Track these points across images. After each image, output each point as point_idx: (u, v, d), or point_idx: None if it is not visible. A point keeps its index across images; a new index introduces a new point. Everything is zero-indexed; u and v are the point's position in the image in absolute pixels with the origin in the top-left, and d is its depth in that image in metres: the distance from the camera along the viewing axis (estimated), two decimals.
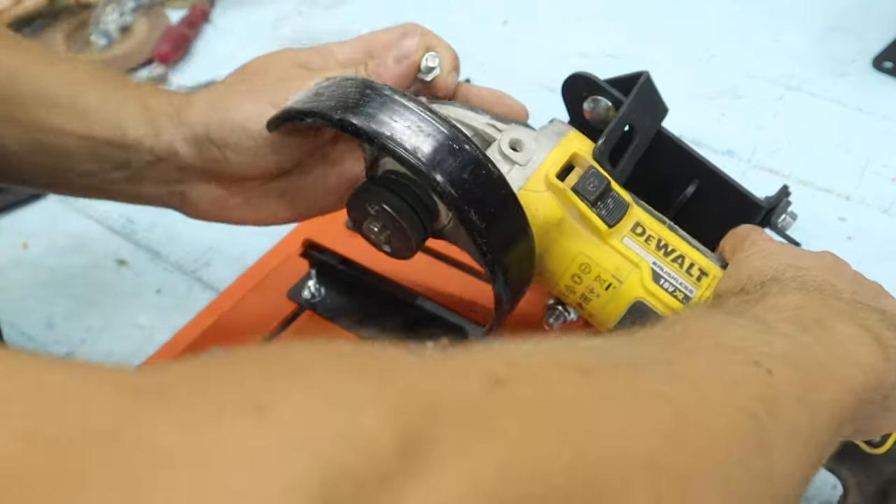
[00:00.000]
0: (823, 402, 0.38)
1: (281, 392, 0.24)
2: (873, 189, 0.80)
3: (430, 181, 0.46)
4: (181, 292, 0.78)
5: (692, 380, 0.35)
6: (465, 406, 0.27)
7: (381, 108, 0.47)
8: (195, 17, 1.06)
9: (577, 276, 0.52)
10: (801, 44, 0.96)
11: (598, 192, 0.51)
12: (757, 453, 0.34)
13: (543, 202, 0.51)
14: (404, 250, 0.52)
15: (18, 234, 0.85)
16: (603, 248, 0.52)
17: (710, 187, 0.57)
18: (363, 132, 0.47)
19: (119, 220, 0.85)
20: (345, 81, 0.50)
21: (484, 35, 1.01)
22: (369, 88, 0.48)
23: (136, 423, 0.23)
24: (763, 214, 0.57)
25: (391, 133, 0.46)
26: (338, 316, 0.67)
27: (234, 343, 0.66)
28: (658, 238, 0.52)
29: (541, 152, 0.52)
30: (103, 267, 0.81)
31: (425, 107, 0.48)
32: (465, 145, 0.47)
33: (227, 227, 0.83)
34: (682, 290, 0.51)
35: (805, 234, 0.72)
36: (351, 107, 0.47)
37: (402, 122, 0.47)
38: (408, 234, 0.50)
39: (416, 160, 0.46)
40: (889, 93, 0.89)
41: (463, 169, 0.47)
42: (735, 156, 0.85)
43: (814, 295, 0.44)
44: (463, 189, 0.46)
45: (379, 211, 0.50)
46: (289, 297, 0.68)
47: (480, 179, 0.47)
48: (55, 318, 0.77)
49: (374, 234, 0.52)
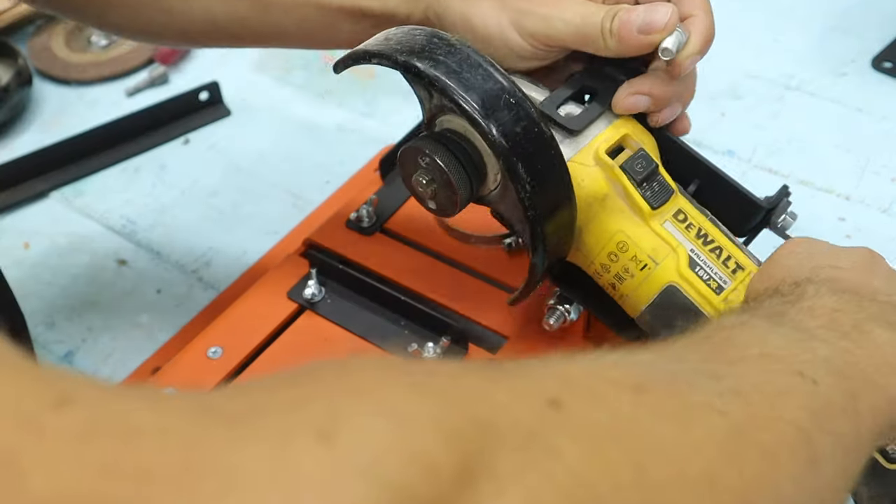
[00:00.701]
0: (866, 410, 0.38)
1: (345, 416, 0.25)
2: (873, 189, 0.81)
3: (483, 129, 0.48)
4: (181, 292, 0.78)
5: (743, 393, 0.35)
6: (523, 428, 0.27)
7: (445, 56, 0.49)
8: None
9: (614, 253, 0.53)
10: (801, 44, 0.96)
11: (645, 174, 0.52)
12: (806, 467, 0.34)
13: (590, 175, 0.52)
14: (449, 206, 0.53)
15: (19, 233, 0.85)
16: (643, 229, 0.53)
17: (710, 187, 0.57)
18: (425, 75, 0.48)
19: (119, 220, 0.85)
20: (414, 30, 0.52)
21: None
22: (436, 38, 0.50)
23: (208, 453, 0.23)
24: (763, 214, 0.57)
25: (452, 80, 0.48)
26: (338, 316, 0.67)
27: (235, 343, 0.66)
28: (699, 227, 0.53)
29: (594, 129, 0.53)
30: (103, 267, 0.81)
31: (488, 61, 0.49)
32: (522, 101, 0.49)
33: (227, 227, 0.84)
34: (716, 280, 0.52)
35: (805, 234, 0.72)
36: (417, 52, 0.49)
37: (464, 70, 0.48)
38: (455, 188, 0.52)
39: (471, 106, 0.48)
40: (889, 93, 0.90)
41: (516, 122, 0.48)
42: (735, 156, 0.85)
43: (850, 297, 0.43)
44: (514, 141, 0.48)
45: (430, 163, 0.52)
46: (289, 297, 0.68)
47: (532, 136, 0.49)
48: (56, 317, 0.77)
49: (422, 186, 0.53)
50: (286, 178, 0.88)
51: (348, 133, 0.92)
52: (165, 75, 1.01)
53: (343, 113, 0.94)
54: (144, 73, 1.01)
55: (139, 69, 1.02)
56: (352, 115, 0.94)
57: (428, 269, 0.70)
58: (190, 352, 0.65)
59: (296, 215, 0.83)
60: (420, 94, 0.53)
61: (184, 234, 0.83)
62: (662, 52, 0.51)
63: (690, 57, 0.52)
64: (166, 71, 1.01)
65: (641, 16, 0.51)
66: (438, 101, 0.51)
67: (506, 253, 0.70)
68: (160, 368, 0.66)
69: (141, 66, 1.02)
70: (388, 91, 0.95)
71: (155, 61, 1.02)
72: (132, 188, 0.88)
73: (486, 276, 0.69)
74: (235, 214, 0.85)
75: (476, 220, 0.56)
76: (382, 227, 0.73)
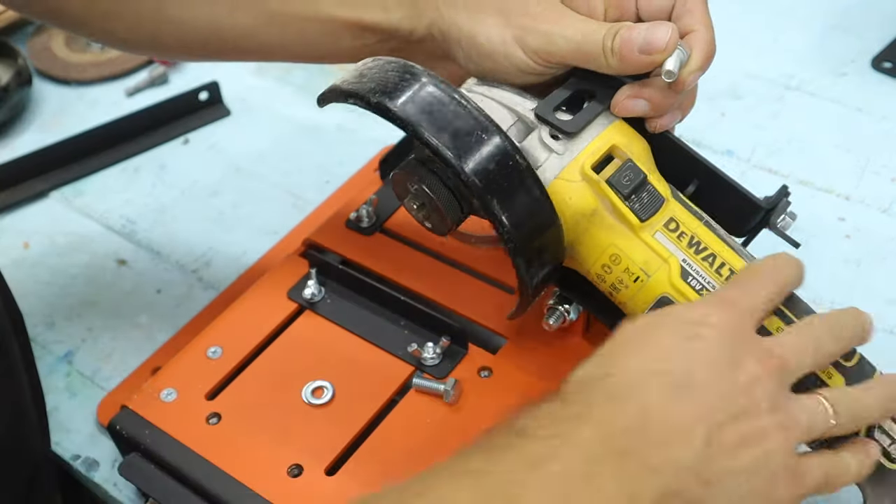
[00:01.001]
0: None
1: None
2: (873, 189, 0.81)
3: (456, 170, 0.48)
4: (181, 292, 0.78)
5: None
6: None
7: (417, 95, 0.49)
8: None
9: (608, 266, 0.53)
10: (801, 44, 0.96)
11: (632, 186, 0.52)
12: None
13: (577, 192, 0.52)
14: (441, 228, 0.54)
15: (19, 233, 0.85)
16: (633, 242, 0.52)
17: (710, 187, 0.57)
18: (397, 118, 0.49)
19: (119, 220, 0.85)
20: (388, 64, 0.52)
21: None
22: (409, 73, 0.50)
23: None
24: (762, 214, 0.57)
25: (422, 121, 0.48)
26: (338, 316, 0.67)
27: (234, 343, 0.66)
28: (691, 235, 0.53)
29: (580, 142, 0.53)
30: (103, 267, 0.81)
31: (462, 95, 0.50)
32: (495, 134, 0.49)
33: (227, 227, 0.84)
34: (708, 289, 0.52)
35: (804, 234, 0.72)
36: (388, 91, 0.49)
37: (434, 109, 0.49)
38: (443, 214, 0.52)
39: (444, 149, 0.48)
40: (888, 93, 0.90)
41: (490, 160, 0.48)
42: (734, 155, 0.85)
43: (608, 458, 0.40)
44: (488, 180, 0.48)
45: (418, 190, 0.52)
46: (289, 297, 0.68)
47: (506, 170, 0.49)
48: (55, 317, 0.77)
49: (414, 210, 0.54)
50: (286, 178, 0.88)
51: (348, 133, 0.92)
52: (165, 75, 1.01)
53: (343, 113, 0.94)
54: (144, 73, 1.01)
55: (139, 69, 1.02)
56: (352, 115, 0.94)
57: (428, 269, 0.70)
58: (190, 352, 0.65)
59: (295, 215, 0.83)
60: None
61: (184, 234, 0.83)
62: (666, 75, 0.51)
63: (692, 74, 0.52)
64: (166, 71, 1.01)
65: (643, 35, 0.50)
66: None
67: (505, 253, 0.70)
68: (160, 368, 0.66)
69: (141, 66, 1.02)
70: None
71: (155, 61, 1.02)
72: (132, 188, 0.88)
73: (486, 276, 0.69)
74: (235, 214, 0.85)
75: (476, 220, 0.56)
76: (382, 227, 0.73)
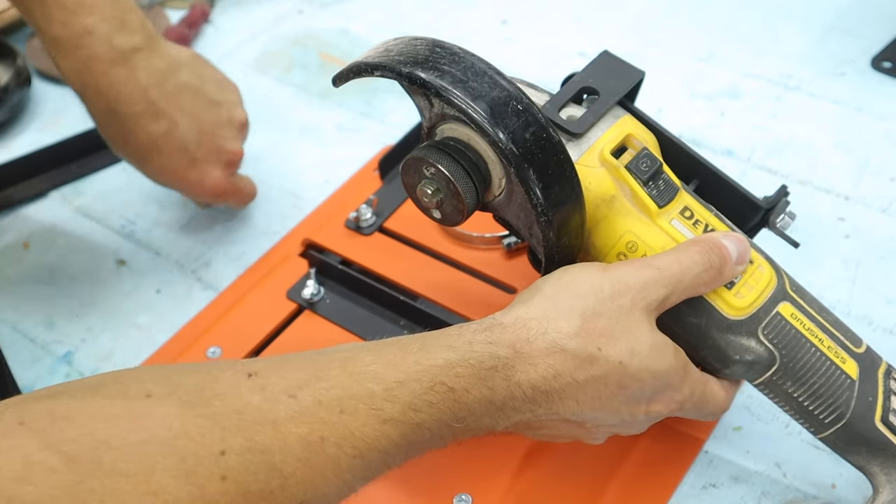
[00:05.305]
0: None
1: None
2: (872, 189, 0.81)
3: (493, 138, 0.48)
4: (181, 292, 0.78)
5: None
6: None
7: (450, 65, 0.49)
8: (195, 18, 1.06)
9: (623, 254, 0.53)
10: (800, 43, 0.96)
11: (650, 172, 0.52)
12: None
13: (597, 177, 0.53)
14: (455, 214, 0.53)
15: (19, 233, 0.85)
16: (651, 228, 0.53)
17: (709, 187, 0.57)
18: (431, 85, 0.48)
19: (119, 220, 0.85)
20: (415, 40, 0.51)
21: (483, 34, 1.01)
22: (438, 47, 0.50)
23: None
24: (762, 214, 0.57)
25: (458, 88, 0.48)
26: (337, 316, 0.67)
27: (234, 343, 0.66)
28: (706, 223, 0.53)
29: (597, 130, 0.54)
30: (103, 267, 0.81)
31: (493, 68, 0.49)
32: (530, 107, 0.49)
33: (227, 227, 0.84)
34: None
35: (804, 234, 0.72)
36: (420, 62, 0.49)
37: (469, 79, 0.48)
38: (461, 197, 0.51)
39: (480, 115, 0.47)
40: (888, 93, 0.90)
41: (525, 129, 0.48)
42: (734, 155, 0.85)
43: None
44: (524, 148, 0.48)
45: (434, 173, 0.51)
46: (288, 297, 0.68)
47: (541, 141, 0.49)
48: (55, 317, 0.77)
49: (427, 196, 0.53)
50: (286, 178, 0.88)
51: (348, 133, 0.92)
52: None
53: (343, 113, 0.94)
54: None
55: None
56: (351, 115, 0.94)
57: (427, 269, 0.70)
58: (189, 352, 0.65)
59: (295, 215, 0.83)
60: (419, 103, 0.53)
61: (183, 234, 0.83)
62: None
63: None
64: None
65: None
66: (440, 110, 0.51)
67: (505, 253, 0.70)
68: None
69: None
70: (387, 91, 0.95)
71: None
72: (132, 188, 0.88)
73: (486, 276, 0.69)
74: (235, 214, 0.85)
75: (475, 220, 0.56)
76: (381, 227, 0.73)
